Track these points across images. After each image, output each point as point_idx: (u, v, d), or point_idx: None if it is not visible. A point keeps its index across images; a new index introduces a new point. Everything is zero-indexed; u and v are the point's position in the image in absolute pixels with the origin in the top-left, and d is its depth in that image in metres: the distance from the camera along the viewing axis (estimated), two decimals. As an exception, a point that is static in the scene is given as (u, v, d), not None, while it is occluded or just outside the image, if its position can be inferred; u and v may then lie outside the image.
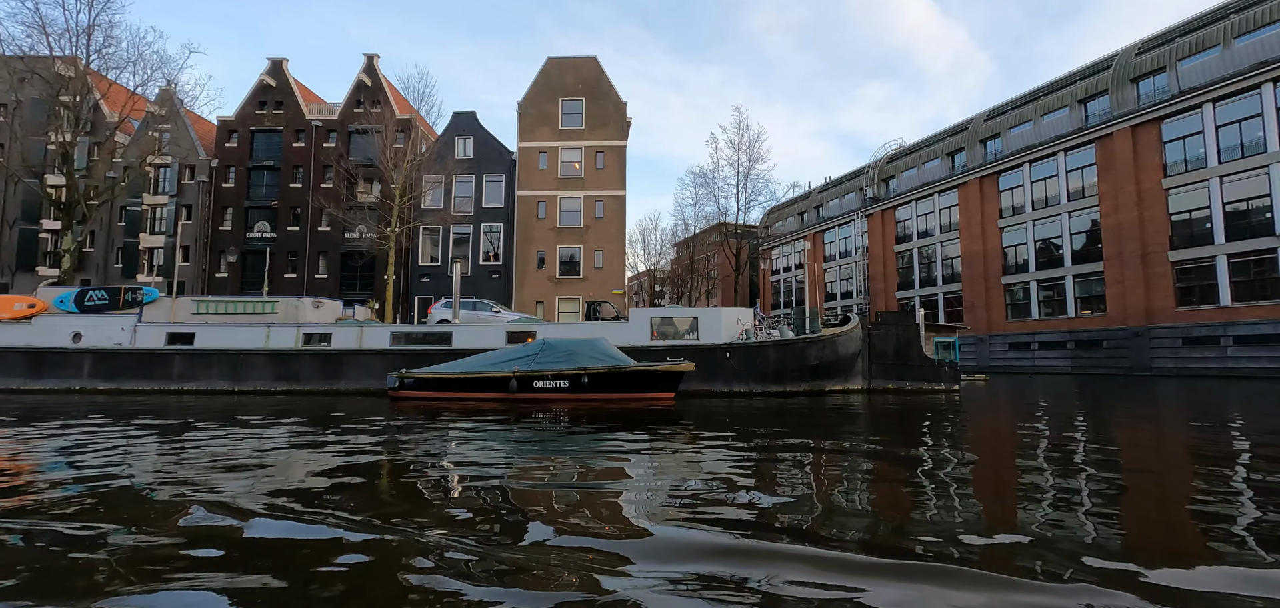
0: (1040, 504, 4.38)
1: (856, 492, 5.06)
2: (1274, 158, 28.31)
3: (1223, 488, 5.05)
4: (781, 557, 3.13)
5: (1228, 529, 3.70)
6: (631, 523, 3.85)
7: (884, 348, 16.82)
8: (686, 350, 15.49)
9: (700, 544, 3.37)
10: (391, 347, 16.23)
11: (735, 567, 2.91)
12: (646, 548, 3.28)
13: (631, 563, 3.03)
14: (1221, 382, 25.49)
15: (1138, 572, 2.89)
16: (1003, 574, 2.81)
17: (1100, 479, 5.35)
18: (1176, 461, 6.60)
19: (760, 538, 3.45)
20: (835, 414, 11.19)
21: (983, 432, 8.59)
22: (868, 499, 4.78)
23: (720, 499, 4.43)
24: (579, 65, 29.22)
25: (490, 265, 28.86)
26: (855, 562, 3.04)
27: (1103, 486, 5.14)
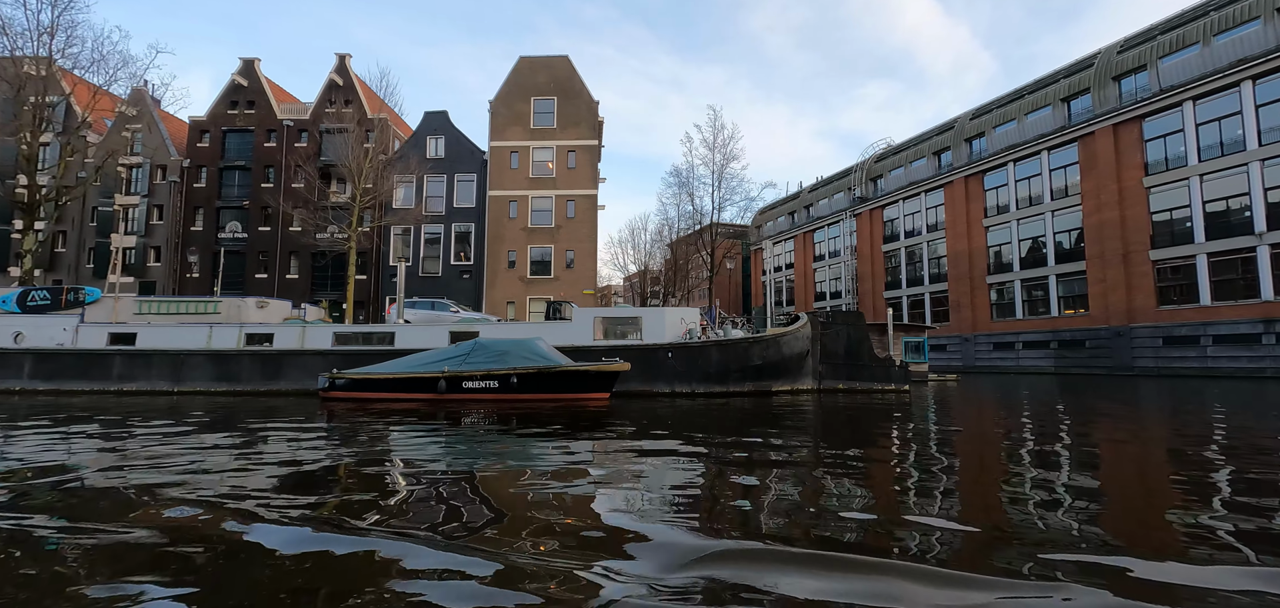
0: (908, 506, 4.08)
1: (726, 488, 4.97)
2: (1253, 156, 28.11)
3: (1155, 515, 4.33)
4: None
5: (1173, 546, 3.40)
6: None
7: (835, 348, 16.62)
8: (630, 351, 15.34)
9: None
10: (334, 347, 16.11)
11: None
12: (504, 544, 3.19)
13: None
14: (1201, 381, 25.26)
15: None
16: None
17: (997, 486, 5.10)
18: (1109, 465, 6.25)
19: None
20: (766, 413, 11.00)
21: (914, 432, 8.34)
22: (740, 494, 4.63)
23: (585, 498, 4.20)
24: (551, 64, 29.05)
25: (461, 265, 28.71)
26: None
27: (1000, 493, 4.83)
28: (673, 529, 3.63)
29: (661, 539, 3.38)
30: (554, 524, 3.73)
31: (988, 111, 43.16)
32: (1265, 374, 27.00)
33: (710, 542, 3.31)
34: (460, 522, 3.82)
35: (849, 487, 4.95)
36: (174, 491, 4.60)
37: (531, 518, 3.87)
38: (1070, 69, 37.86)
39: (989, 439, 8.05)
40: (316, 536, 3.44)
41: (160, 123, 30.27)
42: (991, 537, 3.51)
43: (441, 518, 3.90)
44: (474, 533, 3.54)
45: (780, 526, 3.77)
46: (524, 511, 4.06)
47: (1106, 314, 33.70)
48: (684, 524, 3.77)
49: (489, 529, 3.64)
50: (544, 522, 3.78)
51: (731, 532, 3.60)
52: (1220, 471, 5.64)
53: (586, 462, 6.22)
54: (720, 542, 3.30)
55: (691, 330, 16.00)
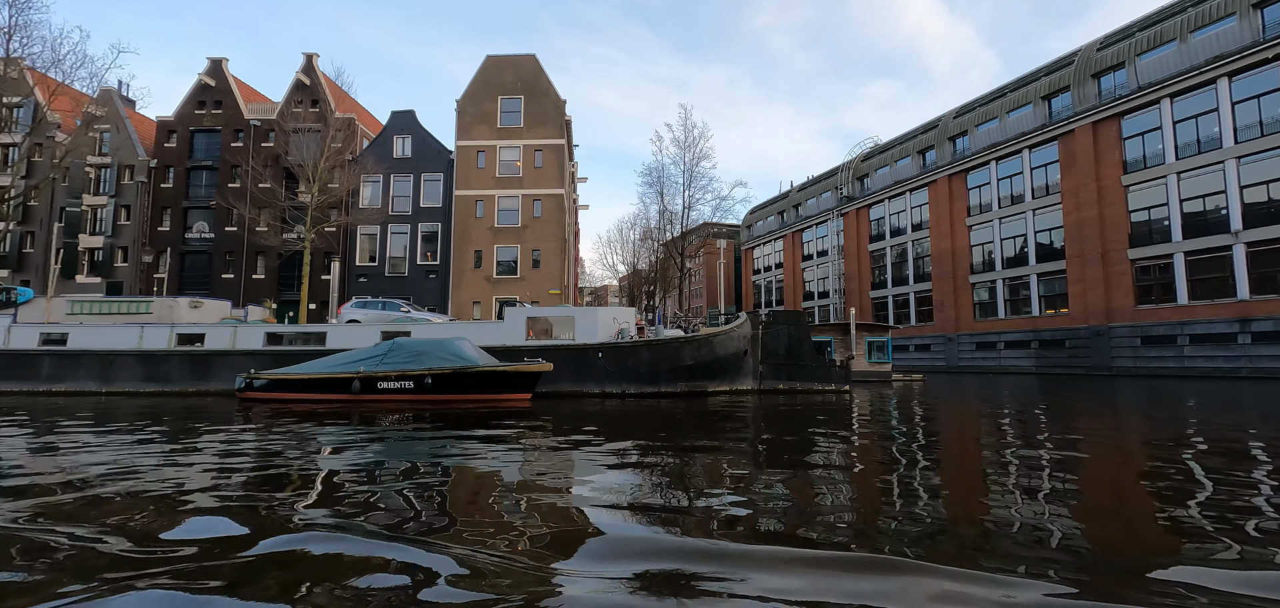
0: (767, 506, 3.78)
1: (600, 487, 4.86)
2: (1229, 154, 27.83)
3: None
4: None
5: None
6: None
7: (775, 348, 16.38)
8: (561, 351, 15.17)
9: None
10: (265, 347, 15.97)
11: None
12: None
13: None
14: (1178, 382, 24.96)
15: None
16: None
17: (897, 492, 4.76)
18: (1018, 474, 5.80)
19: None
20: (689, 414, 10.83)
21: (827, 435, 8.02)
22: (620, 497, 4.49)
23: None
24: (518, 63, 28.88)
25: (427, 265, 28.54)
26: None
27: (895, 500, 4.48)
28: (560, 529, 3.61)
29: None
30: (431, 522, 3.72)
31: (970, 110, 42.90)
32: (1240, 374, 26.71)
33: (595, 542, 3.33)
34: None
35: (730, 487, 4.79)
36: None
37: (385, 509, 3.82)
38: (1051, 67, 37.60)
39: (907, 442, 7.73)
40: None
41: (128, 123, 30.18)
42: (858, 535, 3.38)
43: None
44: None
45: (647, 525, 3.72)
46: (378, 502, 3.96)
47: (1086, 314, 33.43)
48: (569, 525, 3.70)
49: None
50: (410, 514, 3.79)
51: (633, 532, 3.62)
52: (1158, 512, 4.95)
53: (478, 462, 6.00)
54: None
55: (623, 331, 15.80)
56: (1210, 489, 4.75)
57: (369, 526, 3.55)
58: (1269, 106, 26.83)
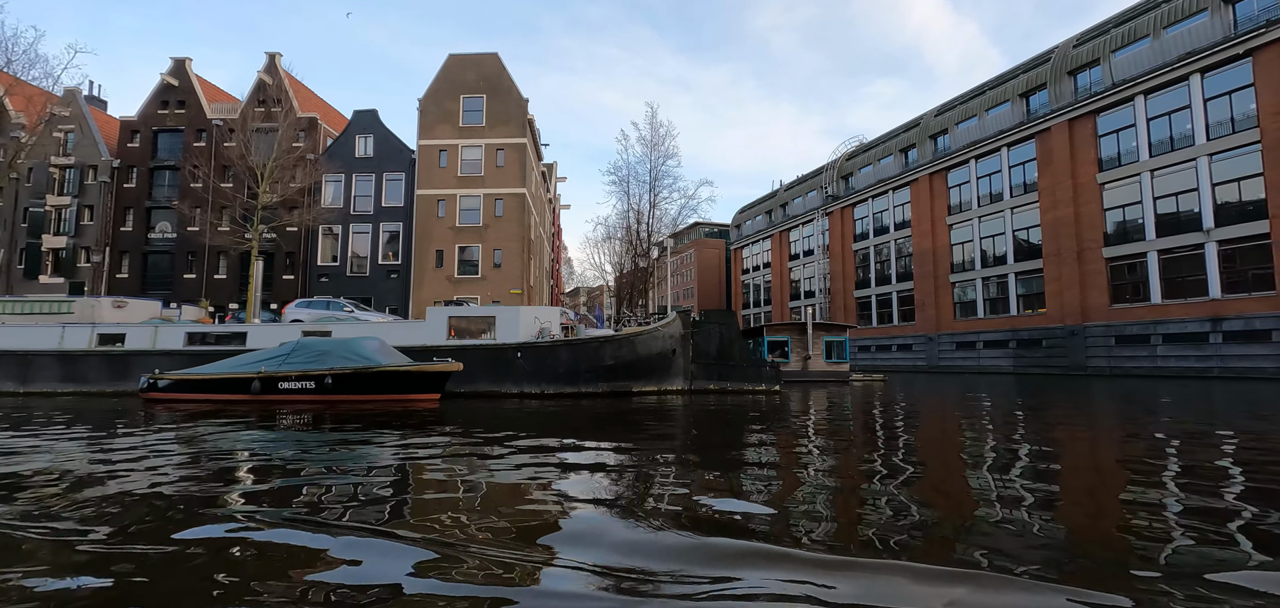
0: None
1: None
2: (1201, 151, 27.51)
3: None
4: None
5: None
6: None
7: (706, 347, 16.14)
8: (481, 351, 15.00)
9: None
10: (185, 347, 15.83)
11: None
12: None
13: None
14: (1151, 382, 24.63)
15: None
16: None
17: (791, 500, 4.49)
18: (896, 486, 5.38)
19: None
20: (596, 414, 10.63)
21: (740, 438, 7.68)
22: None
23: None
24: (481, 62, 28.68)
25: (389, 265, 28.37)
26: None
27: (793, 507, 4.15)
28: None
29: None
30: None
31: (951, 108, 42.60)
32: (1212, 374, 26.40)
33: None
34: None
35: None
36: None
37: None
38: (1029, 64, 37.30)
39: (807, 446, 7.38)
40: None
41: (92, 123, 30.10)
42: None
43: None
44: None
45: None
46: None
47: (1062, 313, 33.13)
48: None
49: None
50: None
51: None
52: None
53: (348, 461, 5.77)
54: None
55: (544, 330, 15.60)
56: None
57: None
58: (1240, 103, 26.52)
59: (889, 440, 7.69)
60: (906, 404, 12.95)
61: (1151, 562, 3.00)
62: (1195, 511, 4.05)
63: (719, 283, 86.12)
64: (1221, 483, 5.16)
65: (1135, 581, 2.70)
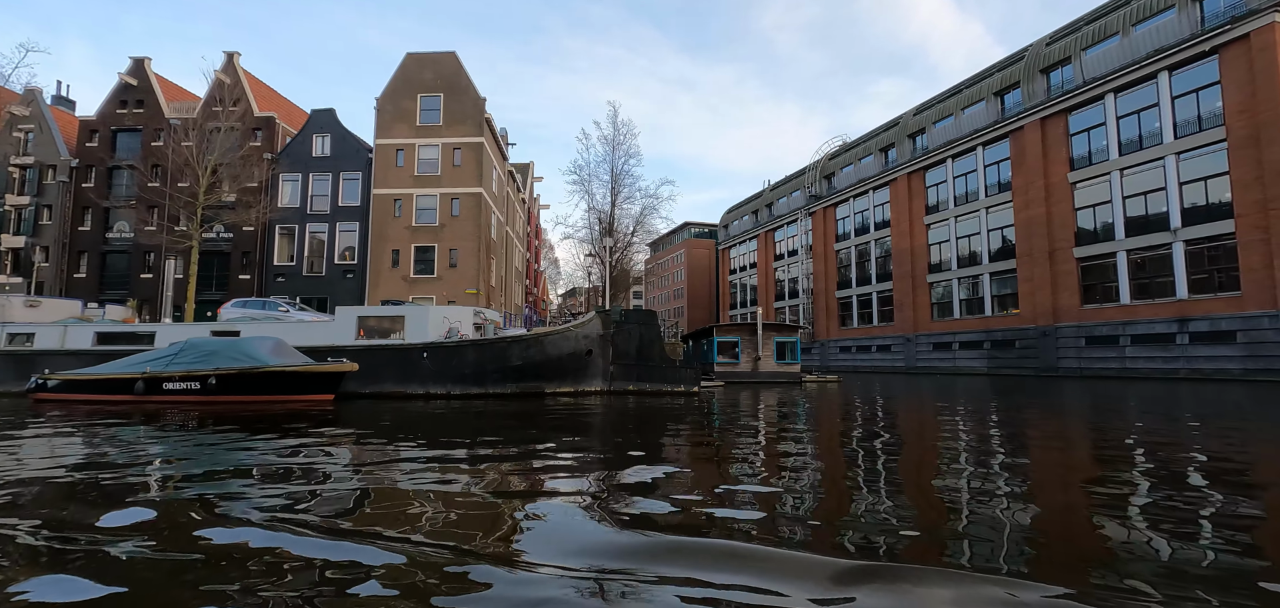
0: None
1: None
2: (1169, 150, 27.18)
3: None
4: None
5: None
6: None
7: (626, 348, 15.88)
8: (386, 351, 14.82)
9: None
10: (93, 347, 15.68)
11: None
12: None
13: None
14: (1120, 383, 24.26)
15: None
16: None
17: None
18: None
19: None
20: (477, 414, 10.39)
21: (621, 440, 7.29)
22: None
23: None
24: (438, 61, 28.47)
25: (345, 265, 28.20)
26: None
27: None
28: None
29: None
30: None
31: (929, 107, 42.26)
32: (1178, 376, 26.06)
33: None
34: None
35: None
36: None
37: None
38: (1004, 62, 36.97)
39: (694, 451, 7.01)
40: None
41: (52, 123, 30.02)
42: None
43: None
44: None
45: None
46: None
47: (1034, 314, 32.80)
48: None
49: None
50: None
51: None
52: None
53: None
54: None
55: (452, 330, 15.39)
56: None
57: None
58: (1207, 101, 26.19)
59: (773, 447, 7.41)
60: (840, 409, 12.60)
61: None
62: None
63: (709, 283, 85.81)
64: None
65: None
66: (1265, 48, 23.88)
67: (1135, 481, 5.25)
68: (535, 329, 15.98)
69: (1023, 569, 2.85)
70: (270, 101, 31.23)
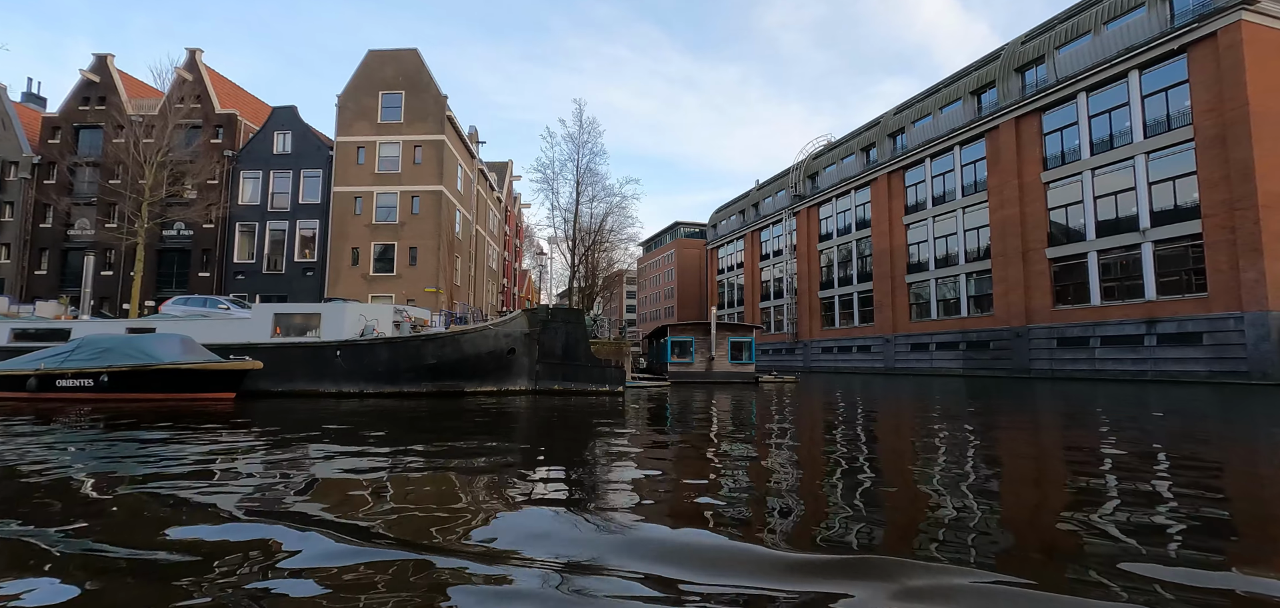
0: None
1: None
2: (1139, 149, 26.89)
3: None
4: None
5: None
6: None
7: (552, 347, 15.65)
8: (300, 349, 14.63)
9: None
10: (9, 344, 15.53)
11: None
12: None
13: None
14: (1090, 385, 23.95)
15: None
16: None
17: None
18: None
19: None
20: (365, 414, 10.18)
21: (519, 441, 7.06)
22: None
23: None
24: (400, 57, 28.27)
25: (305, 262, 28.03)
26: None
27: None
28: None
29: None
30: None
31: (909, 106, 41.95)
32: (1146, 378, 25.78)
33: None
34: None
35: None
36: None
37: None
38: (981, 62, 36.66)
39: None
40: None
41: (16, 119, 29.89)
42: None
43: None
44: None
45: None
46: None
47: (1008, 314, 32.52)
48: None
49: None
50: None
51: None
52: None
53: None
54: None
55: (368, 328, 15.20)
56: None
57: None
58: (1176, 100, 25.89)
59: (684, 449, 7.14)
60: (774, 412, 12.27)
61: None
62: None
63: (700, 283, 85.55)
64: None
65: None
66: (1232, 46, 23.59)
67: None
68: (452, 327, 15.76)
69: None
70: (235, 98, 31.06)
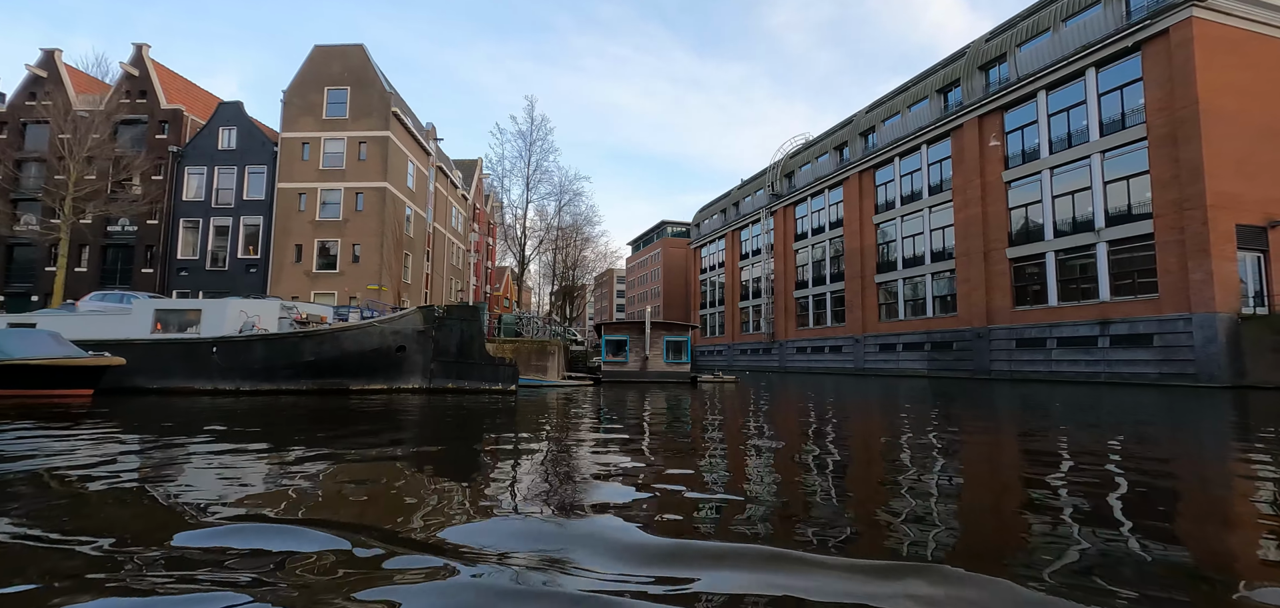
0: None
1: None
2: (1095, 148, 26.55)
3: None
4: None
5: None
6: None
7: (447, 345, 15.39)
8: (178, 345, 14.41)
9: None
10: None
11: None
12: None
13: None
14: (1048, 387, 23.59)
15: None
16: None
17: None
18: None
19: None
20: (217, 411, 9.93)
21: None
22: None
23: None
24: (346, 53, 28.03)
25: (248, 259, 27.86)
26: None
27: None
28: None
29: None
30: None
31: (880, 105, 41.60)
32: (1099, 380, 25.43)
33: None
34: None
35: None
36: None
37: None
38: (948, 59, 36.30)
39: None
40: None
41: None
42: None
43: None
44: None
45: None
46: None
47: (970, 315, 32.19)
48: None
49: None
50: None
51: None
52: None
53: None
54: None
55: (247, 324, 14.96)
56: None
57: None
58: (1130, 98, 25.55)
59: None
60: (692, 415, 11.83)
61: None
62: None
63: (685, 283, 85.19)
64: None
65: None
66: (1183, 43, 23.23)
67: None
68: (333, 324, 15.49)
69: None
70: (185, 94, 30.87)
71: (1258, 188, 22.86)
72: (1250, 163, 22.78)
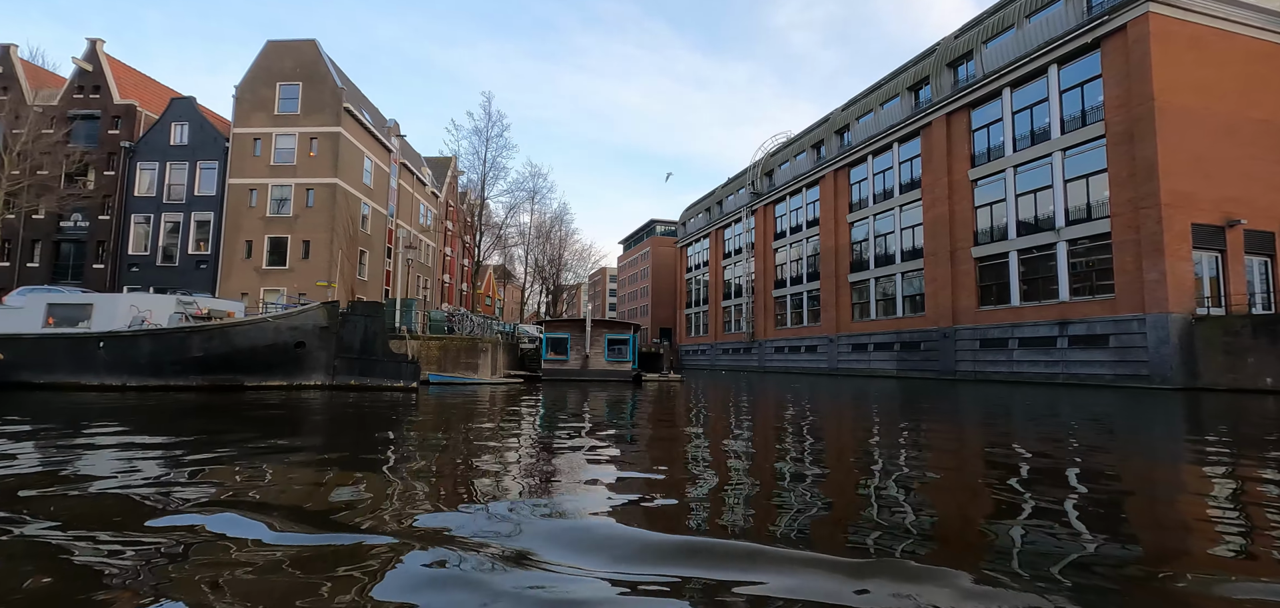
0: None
1: None
2: (1056, 146, 26.19)
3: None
4: None
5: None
6: None
7: (351, 342, 15.15)
8: (64, 340, 14.22)
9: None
10: None
11: None
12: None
13: None
14: (1008, 388, 23.22)
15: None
16: None
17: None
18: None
19: None
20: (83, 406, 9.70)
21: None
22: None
23: None
24: (298, 49, 27.82)
25: (199, 255, 27.71)
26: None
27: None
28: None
29: None
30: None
31: (855, 102, 41.23)
32: (1058, 380, 25.07)
33: None
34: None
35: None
36: None
37: None
38: (919, 57, 35.91)
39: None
40: None
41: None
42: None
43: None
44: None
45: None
46: None
47: (937, 315, 31.84)
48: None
49: None
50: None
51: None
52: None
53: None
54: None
55: (137, 319, 14.74)
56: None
57: None
58: (1090, 95, 25.17)
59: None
60: (591, 412, 11.50)
61: None
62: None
63: (675, 282, 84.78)
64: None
65: None
66: (1140, 39, 22.84)
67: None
68: (222, 320, 15.23)
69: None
70: (140, 89, 30.71)
71: (1216, 187, 22.44)
72: (1208, 161, 22.35)
